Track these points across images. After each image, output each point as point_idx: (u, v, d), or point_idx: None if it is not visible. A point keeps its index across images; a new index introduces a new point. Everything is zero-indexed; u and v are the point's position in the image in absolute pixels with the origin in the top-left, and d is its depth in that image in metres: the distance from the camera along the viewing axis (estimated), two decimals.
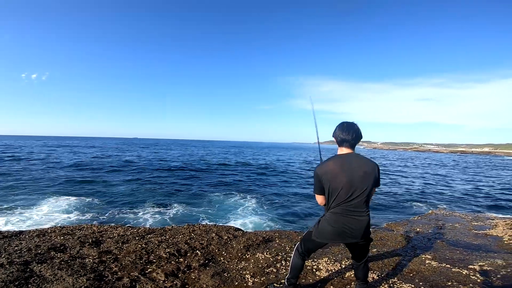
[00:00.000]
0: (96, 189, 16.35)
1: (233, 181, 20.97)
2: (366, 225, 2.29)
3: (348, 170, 2.24)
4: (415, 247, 4.39)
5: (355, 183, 2.23)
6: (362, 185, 2.24)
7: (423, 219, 6.51)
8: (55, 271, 2.82)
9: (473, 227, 5.67)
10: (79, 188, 16.29)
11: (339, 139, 2.36)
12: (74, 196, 13.79)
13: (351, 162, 2.27)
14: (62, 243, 3.70)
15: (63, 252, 3.43)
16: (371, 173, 2.27)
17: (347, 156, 2.32)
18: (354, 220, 2.27)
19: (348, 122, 2.39)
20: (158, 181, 19.81)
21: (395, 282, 3.11)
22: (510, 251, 4.28)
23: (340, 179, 2.24)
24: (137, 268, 3.13)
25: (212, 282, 2.93)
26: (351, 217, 2.27)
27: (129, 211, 11.56)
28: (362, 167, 2.26)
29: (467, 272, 3.37)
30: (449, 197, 16.45)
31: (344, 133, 2.32)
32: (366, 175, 2.25)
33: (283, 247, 4.15)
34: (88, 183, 17.92)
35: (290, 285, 2.69)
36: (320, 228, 2.40)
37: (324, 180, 2.29)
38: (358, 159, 2.30)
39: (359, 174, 2.24)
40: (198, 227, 4.94)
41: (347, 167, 2.25)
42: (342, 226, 2.28)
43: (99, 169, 25.10)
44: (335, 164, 2.28)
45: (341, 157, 2.33)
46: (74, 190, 15.57)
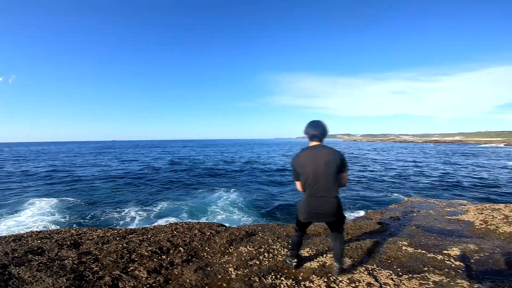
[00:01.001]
0: (79, 190, 15.91)
1: (216, 178, 20.92)
2: (334, 205, 2.70)
3: (314, 159, 2.67)
4: (393, 234, 4.56)
5: (320, 170, 2.64)
6: (326, 172, 2.63)
7: (399, 207, 6.75)
8: (34, 273, 2.76)
9: (446, 213, 5.94)
10: (62, 190, 15.80)
11: (310, 135, 2.79)
12: (56, 198, 13.43)
13: (318, 153, 2.69)
14: (39, 246, 3.60)
15: (41, 255, 3.34)
16: (334, 160, 2.64)
17: (315, 147, 2.75)
18: (323, 202, 2.69)
19: (316, 120, 2.83)
20: (139, 181, 19.47)
21: (374, 269, 3.23)
22: (481, 236, 4.52)
23: (308, 167, 2.68)
24: (119, 267, 3.10)
25: (195, 277, 2.94)
26: (320, 199, 2.69)
27: (112, 211, 11.32)
28: (326, 156, 2.65)
29: (442, 257, 3.53)
30: (424, 184, 17.16)
31: (313, 129, 2.77)
32: (329, 163, 2.63)
33: (266, 240, 4.21)
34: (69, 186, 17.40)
35: (292, 255, 3.25)
36: (299, 210, 2.89)
37: (297, 168, 2.76)
38: (323, 150, 2.70)
39: (323, 162, 2.64)
40: (181, 225, 4.92)
41: (314, 157, 2.68)
42: (314, 208, 2.73)
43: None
44: (305, 155, 2.73)
45: (310, 148, 2.76)
46: (56, 192, 15.10)
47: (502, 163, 29.79)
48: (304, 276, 3.07)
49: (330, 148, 2.70)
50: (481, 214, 5.59)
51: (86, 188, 16.61)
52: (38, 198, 13.62)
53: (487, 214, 5.55)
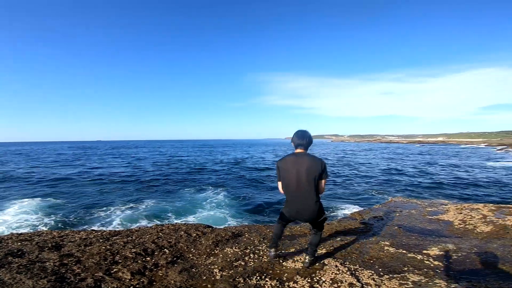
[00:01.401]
0: (62, 190, 15.53)
1: (203, 178, 20.81)
2: (314, 210, 2.92)
3: (297, 166, 2.88)
4: (375, 234, 4.66)
5: (301, 176, 2.86)
6: (307, 178, 2.84)
7: (383, 207, 6.90)
8: (14, 275, 2.70)
9: (427, 213, 6.11)
10: (44, 191, 15.38)
11: (296, 143, 3.03)
12: (39, 198, 13.08)
13: (301, 160, 2.90)
14: (19, 248, 3.51)
15: (21, 257, 3.26)
16: (315, 169, 2.84)
17: (299, 154, 2.96)
18: (303, 207, 2.93)
19: (302, 130, 3.06)
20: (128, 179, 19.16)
21: (357, 269, 3.30)
22: (460, 235, 4.68)
23: (290, 173, 2.91)
24: (102, 269, 3.06)
25: (180, 278, 2.93)
26: (300, 204, 2.93)
27: (96, 212, 11.11)
28: (308, 163, 2.86)
29: (421, 257, 3.64)
30: (407, 184, 17.58)
31: (299, 139, 3.00)
32: (311, 170, 2.84)
33: (252, 241, 4.23)
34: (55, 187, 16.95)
35: (272, 245, 3.41)
36: (284, 209, 3.14)
37: (281, 170, 3.01)
38: (306, 158, 2.90)
39: (304, 169, 2.84)
40: (167, 226, 4.88)
41: (297, 163, 2.89)
42: (295, 210, 2.99)
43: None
44: (290, 160, 2.95)
45: (295, 155, 2.98)
46: (38, 193, 14.69)
47: (481, 163, 30.82)
48: (288, 276, 3.11)
49: (313, 156, 2.92)
50: (460, 214, 5.78)
51: (70, 189, 16.24)
52: (20, 199, 13.23)
53: (466, 213, 5.75)
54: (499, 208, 6.06)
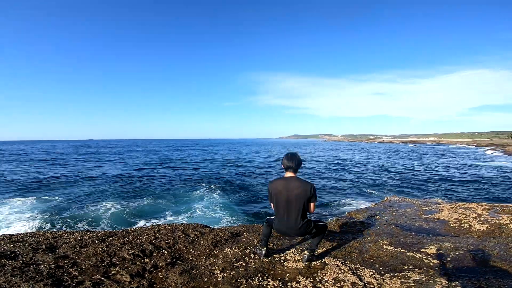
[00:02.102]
0: (55, 190, 15.21)
1: (200, 177, 20.68)
2: (301, 231, 3.13)
3: (287, 190, 3.01)
4: (374, 234, 4.68)
5: (291, 202, 3.02)
6: (296, 204, 3.01)
7: (379, 206, 6.95)
8: (9, 278, 2.60)
9: (422, 212, 6.18)
10: (38, 190, 15.06)
11: (286, 166, 3.14)
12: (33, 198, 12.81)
13: (290, 185, 3.02)
14: (12, 250, 3.39)
15: (15, 259, 3.15)
16: (304, 194, 2.98)
17: (289, 179, 3.08)
18: (291, 229, 3.12)
19: (292, 153, 3.18)
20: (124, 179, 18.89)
21: (358, 268, 3.30)
22: (456, 234, 4.73)
23: (281, 197, 3.05)
24: (99, 271, 2.98)
25: (181, 280, 2.88)
26: (289, 225, 3.11)
27: (90, 212, 10.91)
28: (297, 190, 2.99)
29: (420, 256, 3.66)
30: (401, 182, 17.79)
31: (289, 162, 3.11)
32: (300, 196, 2.98)
33: (251, 241, 4.19)
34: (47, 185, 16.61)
35: (262, 245, 3.54)
36: (274, 223, 3.30)
37: (272, 193, 3.14)
38: (296, 183, 3.03)
39: (294, 195, 2.99)
40: (164, 226, 4.80)
41: (287, 188, 3.02)
42: (284, 230, 3.18)
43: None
44: (280, 184, 3.08)
45: (285, 179, 3.10)
46: (31, 192, 14.38)
47: (469, 162, 31.41)
48: (290, 276, 3.08)
49: (302, 181, 3.05)
50: (455, 213, 5.84)
51: (63, 188, 15.92)
52: (12, 199, 12.92)
53: (461, 212, 5.82)
54: (493, 207, 6.16)
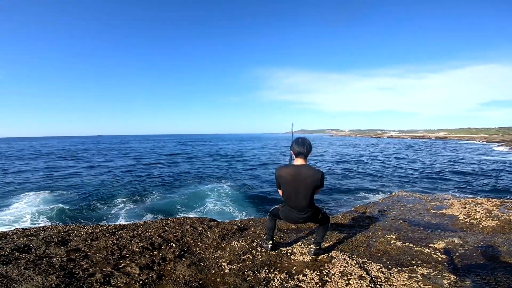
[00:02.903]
0: (67, 185, 15.53)
1: (206, 172, 20.83)
2: (309, 215, 3.06)
3: (297, 179, 2.89)
4: (381, 228, 4.66)
5: (300, 189, 2.90)
6: (305, 191, 2.90)
7: (387, 201, 6.91)
8: (22, 271, 2.68)
9: (431, 207, 6.12)
10: (50, 185, 15.39)
11: (296, 152, 2.96)
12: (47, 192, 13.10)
13: (301, 173, 2.88)
14: (26, 244, 3.49)
15: (28, 252, 3.24)
16: (315, 182, 2.86)
17: (300, 167, 2.92)
18: (299, 215, 3.06)
19: (302, 138, 2.99)
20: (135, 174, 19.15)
21: (365, 262, 3.30)
22: (465, 229, 4.68)
23: (290, 186, 2.93)
24: (110, 264, 3.04)
25: (189, 272, 2.92)
26: (296, 213, 3.05)
27: (101, 206, 11.12)
28: (308, 179, 2.86)
29: (428, 251, 3.63)
30: (411, 178, 17.61)
31: (300, 147, 2.93)
32: (310, 185, 2.87)
33: (258, 234, 4.23)
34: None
35: (268, 238, 3.55)
36: (280, 211, 3.24)
37: (280, 180, 3.02)
38: (306, 171, 2.88)
39: (304, 184, 2.88)
40: (172, 220, 4.87)
41: (297, 177, 2.89)
42: (291, 217, 3.12)
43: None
44: (289, 172, 2.93)
45: (294, 168, 2.94)
46: (44, 187, 14.71)
47: (479, 157, 30.88)
48: (297, 269, 3.10)
49: (312, 169, 2.91)
50: (464, 209, 5.77)
51: (74, 183, 16.21)
52: (25, 193, 13.26)
53: (470, 208, 5.74)
54: (503, 203, 6.06)
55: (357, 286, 2.72)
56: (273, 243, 3.56)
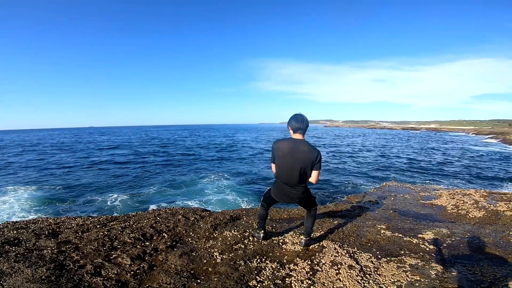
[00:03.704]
0: (58, 178, 15.30)
1: (203, 163, 20.79)
2: (300, 193, 3.03)
3: (293, 154, 2.87)
4: (372, 218, 4.73)
5: (296, 164, 2.86)
6: (301, 166, 2.86)
7: (378, 191, 7.01)
8: (12, 264, 2.65)
9: (421, 198, 6.22)
10: (40, 178, 15.12)
11: (294, 127, 2.96)
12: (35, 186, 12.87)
13: (298, 148, 2.87)
14: (15, 237, 3.43)
15: (18, 245, 3.20)
16: (310, 158, 2.85)
17: (298, 141, 2.92)
18: (290, 190, 3.02)
19: (300, 114, 3.00)
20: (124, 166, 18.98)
21: (355, 252, 3.36)
22: (453, 220, 4.77)
23: (286, 158, 2.90)
24: (101, 255, 3.03)
25: (181, 262, 2.93)
26: (288, 188, 3.01)
27: (93, 199, 11.02)
28: (304, 154, 2.85)
29: (417, 241, 3.71)
30: (403, 168, 17.87)
31: (298, 123, 2.93)
32: (306, 161, 2.85)
33: (251, 224, 4.26)
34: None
35: (259, 227, 3.56)
36: (272, 190, 3.23)
37: (276, 153, 2.99)
38: (304, 146, 2.88)
39: (300, 159, 2.85)
40: (164, 210, 4.86)
41: (294, 151, 2.87)
42: (282, 193, 3.08)
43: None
44: (287, 145, 2.92)
45: (293, 140, 2.94)
46: (34, 180, 14.46)
47: (468, 148, 31.43)
48: (288, 259, 3.14)
49: (310, 146, 2.91)
50: (453, 199, 5.88)
51: (67, 177, 15.97)
52: (15, 186, 13.04)
53: (458, 199, 5.85)
54: (490, 194, 6.20)
55: (347, 276, 2.76)
56: (264, 233, 3.57)
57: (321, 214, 4.92)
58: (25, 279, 2.44)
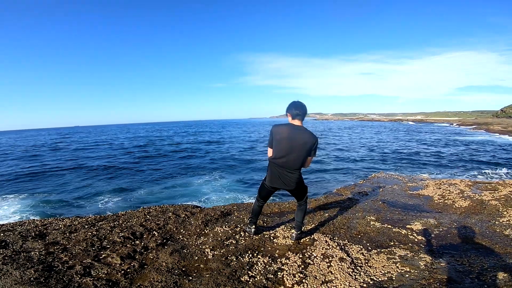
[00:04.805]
0: (45, 181, 14.87)
1: (191, 160, 20.65)
2: (295, 179, 3.05)
3: (293, 139, 2.92)
4: (361, 210, 4.79)
5: (294, 149, 2.92)
6: (298, 151, 2.93)
7: (367, 182, 7.10)
8: (0, 267, 2.58)
9: (408, 188, 6.34)
10: (25, 184, 14.61)
11: (294, 113, 3.02)
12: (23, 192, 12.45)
13: (298, 132, 2.94)
14: (2, 239, 3.35)
15: (5, 248, 3.13)
16: (308, 143, 2.93)
17: (297, 127, 2.99)
18: (285, 174, 3.04)
19: (298, 101, 3.09)
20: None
21: (346, 244, 3.40)
22: (440, 210, 4.87)
23: (284, 142, 2.94)
24: (90, 255, 2.98)
25: (172, 260, 2.91)
26: (283, 171, 3.03)
27: (82, 201, 10.78)
28: (303, 140, 2.92)
29: (405, 232, 3.79)
30: (389, 159, 18.18)
31: (298, 109, 3.01)
32: (304, 145, 2.92)
33: (242, 219, 4.25)
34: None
35: (251, 222, 3.54)
36: (266, 178, 3.22)
37: (274, 136, 3.02)
38: (303, 131, 2.97)
39: (299, 143, 2.91)
40: (154, 208, 4.80)
41: (294, 136, 2.92)
42: (277, 177, 3.08)
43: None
44: (286, 130, 2.97)
45: (293, 126, 2.99)
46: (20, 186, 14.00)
47: (453, 138, 32.18)
48: (280, 253, 3.16)
49: (309, 132, 2.98)
50: (439, 189, 6.01)
51: (54, 179, 15.54)
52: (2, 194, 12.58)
53: (444, 189, 5.99)
54: (475, 183, 6.37)
55: (339, 268, 2.80)
56: (256, 227, 3.58)
57: (312, 207, 4.96)
58: (14, 281, 2.39)
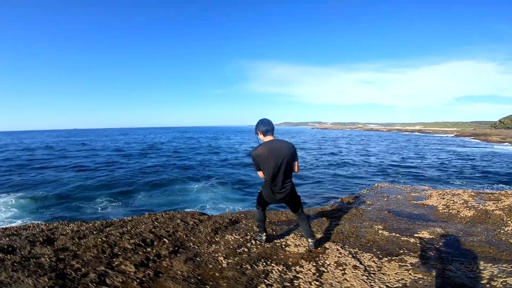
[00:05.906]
0: (45, 184, 14.68)
1: (192, 166, 20.59)
2: (289, 191, 3.18)
3: (273, 153, 3.05)
4: (368, 219, 4.81)
5: (278, 163, 3.05)
6: (286, 161, 3.06)
7: (371, 192, 7.14)
8: (10, 274, 2.52)
9: (412, 198, 6.38)
10: (23, 186, 14.42)
11: (264, 130, 3.18)
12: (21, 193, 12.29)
13: (275, 147, 3.08)
14: (9, 244, 3.29)
15: (13, 253, 3.06)
16: (289, 152, 3.07)
17: (271, 141, 3.14)
18: (283, 188, 3.15)
19: (264, 118, 3.26)
20: None
21: (357, 252, 3.41)
22: (445, 220, 4.91)
23: (271, 160, 3.05)
24: (103, 263, 2.95)
25: (187, 268, 2.89)
26: (279, 187, 3.14)
27: (83, 204, 10.66)
28: (283, 149, 3.07)
29: (414, 241, 3.82)
30: (391, 170, 18.27)
31: (266, 125, 3.18)
32: (286, 155, 3.06)
33: (251, 226, 4.25)
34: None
35: (261, 230, 3.62)
36: (262, 192, 3.32)
37: (258, 160, 3.14)
38: (279, 142, 3.14)
39: (283, 153, 3.05)
40: (161, 215, 4.77)
41: (272, 151, 3.06)
42: (272, 192, 3.19)
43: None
44: (265, 149, 3.09)
45: (267, 143, 3.13)
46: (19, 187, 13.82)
47: (452, 150, 32.50)
48: (293, 261, 3.16)
49: (283, 141, 3.16)
50: (443, 199, 6.06)
51: (53, 182, 15.37)
52: None
53: (448, 199, 6.04)
54: (479, 194, 6.43)
55: (353, 276, 2.81)
56: (267, 235, 3.63)
57: (319, 215, 4.98)
58: None
